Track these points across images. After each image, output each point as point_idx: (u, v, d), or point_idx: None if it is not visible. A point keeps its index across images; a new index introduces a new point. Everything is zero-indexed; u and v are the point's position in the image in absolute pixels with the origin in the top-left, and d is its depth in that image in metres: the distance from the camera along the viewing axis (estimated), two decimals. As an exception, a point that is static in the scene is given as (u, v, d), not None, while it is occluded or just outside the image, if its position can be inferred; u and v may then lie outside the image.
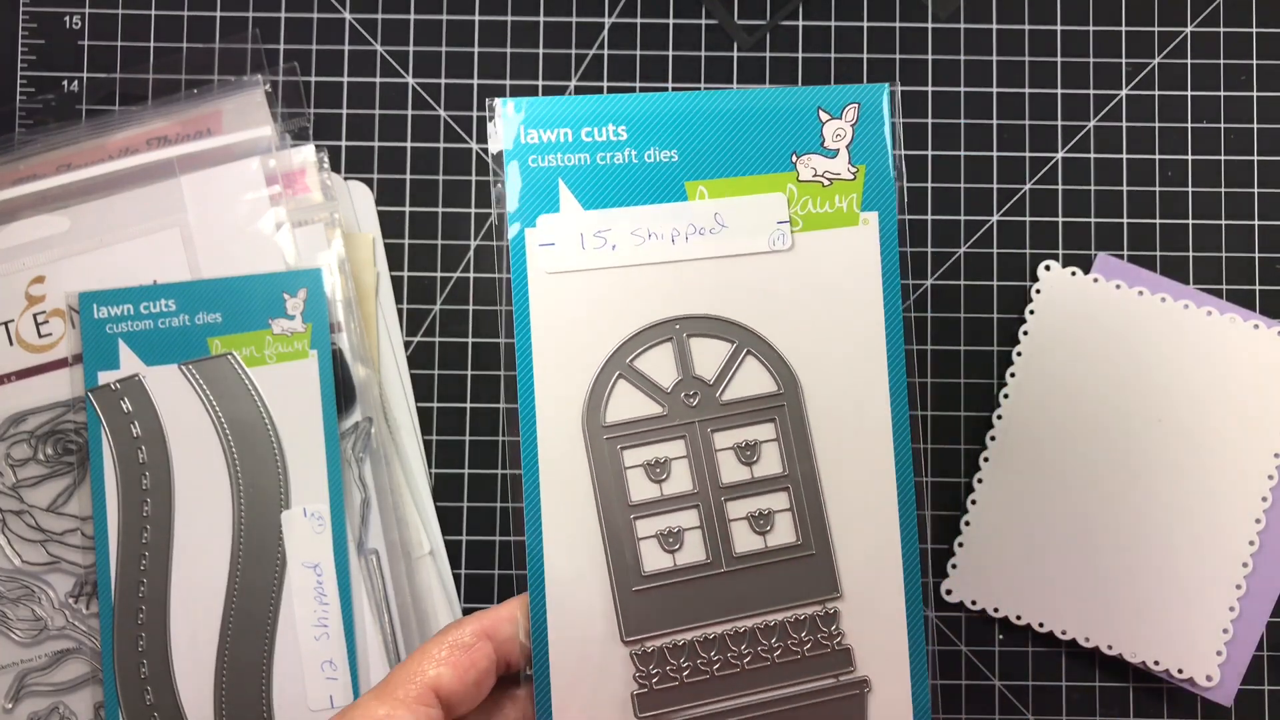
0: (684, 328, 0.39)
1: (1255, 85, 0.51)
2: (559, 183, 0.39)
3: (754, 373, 0.39)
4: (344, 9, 0.51)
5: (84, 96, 0.51)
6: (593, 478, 0.39)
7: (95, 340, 0.47)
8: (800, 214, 0.40)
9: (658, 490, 0.39)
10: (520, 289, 0.39)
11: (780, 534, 0.39)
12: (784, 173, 0.40)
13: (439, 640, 0.37)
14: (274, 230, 0.48)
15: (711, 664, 0.38)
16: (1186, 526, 0.48)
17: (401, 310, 0.50)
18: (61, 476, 0.47)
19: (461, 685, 0.36)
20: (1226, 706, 0.48)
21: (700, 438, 0.39)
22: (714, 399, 0.39)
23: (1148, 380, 0.48)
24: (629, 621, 0.38)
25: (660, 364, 0.39)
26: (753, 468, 0.39)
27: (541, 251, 0.39)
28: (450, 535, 0.49)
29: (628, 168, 0.40)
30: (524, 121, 0.40)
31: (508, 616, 0.38)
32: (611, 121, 0.40)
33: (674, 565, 0.39)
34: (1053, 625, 0.48)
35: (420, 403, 0.50)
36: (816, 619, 0.39)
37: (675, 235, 0.39)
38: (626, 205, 0.39)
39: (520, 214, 0.39)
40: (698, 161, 0.40)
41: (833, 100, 0.40)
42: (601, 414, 0.39)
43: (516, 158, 0.39)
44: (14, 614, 0.47)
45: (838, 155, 0.40)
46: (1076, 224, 0.50)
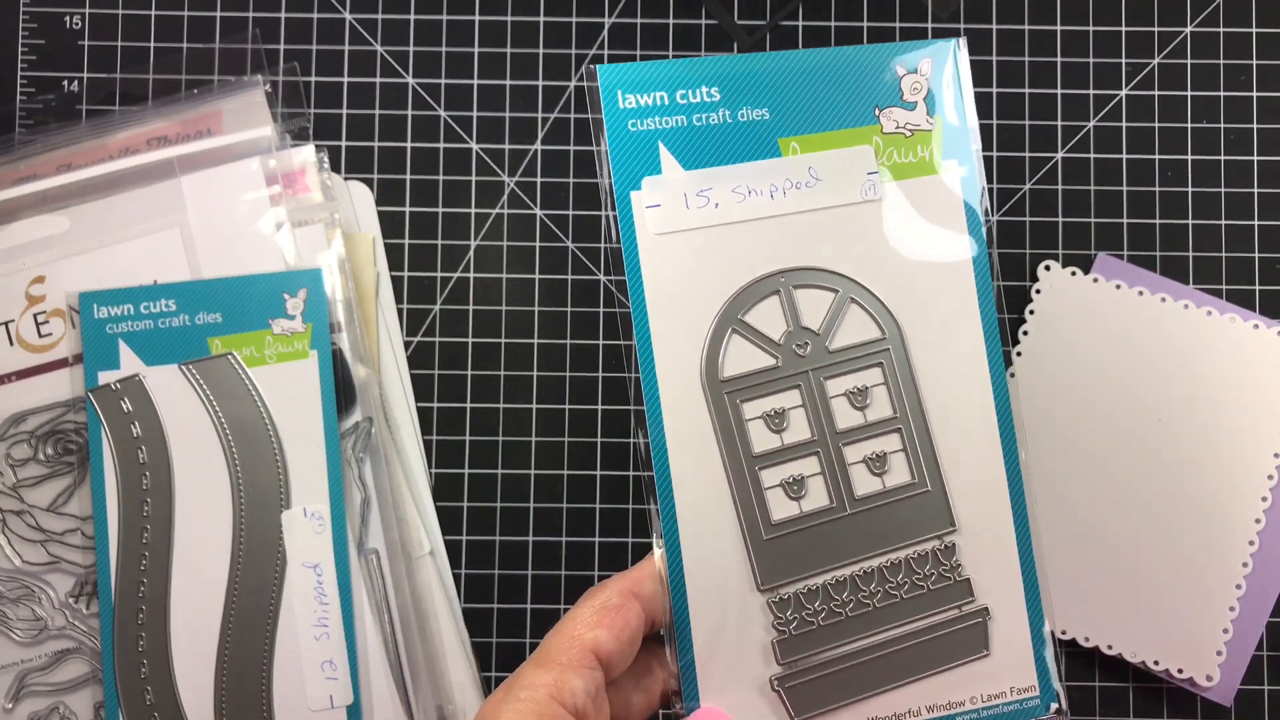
0: (789, 280, 0.40)
1: (1255, 85, 0.51)
2: (659, 145, 0.40)
3: (858, 320, 0.40)
4: (344, 9, 0.51)
5: (84, 96, 0.51)
6: (716, 432, 0.40)
7: (95, 340, 0.47)
8: (886, 165, 0.41)
9: (778, 440, 0.40)
10: (631, 251, 0.40)
11: (896, 474, 0.40)
12: (869, 125, 0.41)
13: (586, 604, 0.37)
14: (274, 230, 0.48)
15: (845, 605, 0.39)
16: (1186, 526, 0.48)
17: (401, 310, 0.50)
18: (62, 476, 0.47)
19: (618, 644, 0.36)
20: (1226, 706, 0.48)
21: (814, 386, 0.40)
22: (823, 348, 0.40)
23: (1148, 380, 0.48)
24: (763, 570, 0.39)
25: (769, 317, 0.40)
26: (865, 412, 0.40)
27: (649, 213, 0.40)
28: (450, 535, 0.49)
29: (723, 127, 0.41)
30: (622, 86, 0.40)
31: (649, 574, 0.38)
32: (704, 83, 0.41)
33: (800, 512, 0.40)
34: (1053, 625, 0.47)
35: (420, 403, 0.50)
36: (937, 553, 0.40)
37: (774, 190, 0.41)
38: (724, 164, 0.41)
39: (625, 177, 0.40)
40: (788, 118, 0.41)
41: (908, 55, 0.41)
42: (719, 369, 0.40)
43: (617, 122, 0.40)
44: (14, 614, 0.47)
45: (916, 107, 0.41)
46: (1076, 224, 0.50)
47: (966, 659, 0.40)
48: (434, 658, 0.48)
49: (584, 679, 0.35)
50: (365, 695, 0.46)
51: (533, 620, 0.49)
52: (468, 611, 0.49)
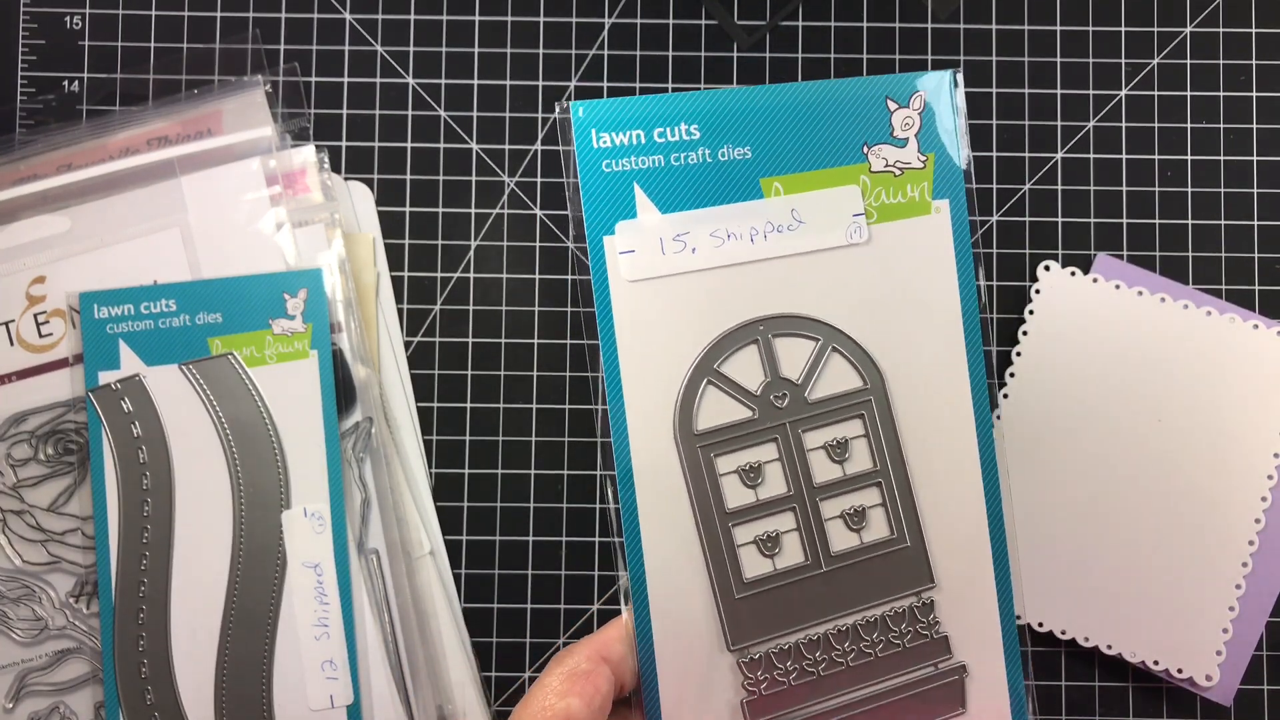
0: (768, 328, 0.39)
1: (1255, 85, 0.51)
2: (634, 187, 0.39)
3: (839, 369, 0.39)
4: (344, 9, 0.51)
5: (84, 97, 0.51)
6: (688, 487, 0.38)
7: (96, 340, 0.47)
8: (874, 205, 0.39)
9: (753, 495, 0.39)
10: (603, 298, 0.39)
11: (875, 529, 0.39)
12: (856, 164, 0.39)
13: (554, 671, 0.37)
14: (274, 230, 0.48)
15: (818, 664, 0.38)
16: (1186, 526, 0.48)
17: (401, 310, 0.50)
18: (62, 476, 0.47)
19: (589, 712, 0.36)
20: (1226, 706, 0.48)
21: (791, 439, 0.39)
22: (802, 399, 0.39)
23: (1148, 380, 0.48)
24: (734, 629, 0.38)
25: (747, 367, 0.39)
26: (844, 465, 0.39)
27: (623, 259, 0.39)
28: (450, 535, 0.49)
29: (703, 167, 0.39)
30: (595, 125, 0.39)
31: (617, 636, 0.38)
32: (684, 121, 0.39)
33: (774, 569, 0.39)
34: (1053, 625, 0.48)
35: (420, 403, 0.50)
36: (914, 610, 0.39)
37: (754, 234, 0.39)
38: (703, 206, 0.39)
39: (597, 221, 0.39)
40: (771, 157, 0.39)
41: (900, 89, 0.40)
42: (693, 422, 0.39)
43: (589, 162, 0.39)
44: (14, 614, 0.47)
45: (908, 144, 0.40)
46: (1076, 224, 0.50)
47: (942, 717, 0.39)
48: (434, 658, 0.48)
49: None
50: (365, 695, 0.46)
51: (532, 620, 0.49)
52: (468, 611, 0.49)
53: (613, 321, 0.39)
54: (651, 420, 0.38)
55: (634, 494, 0.38)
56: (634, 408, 0.38)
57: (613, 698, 0.37)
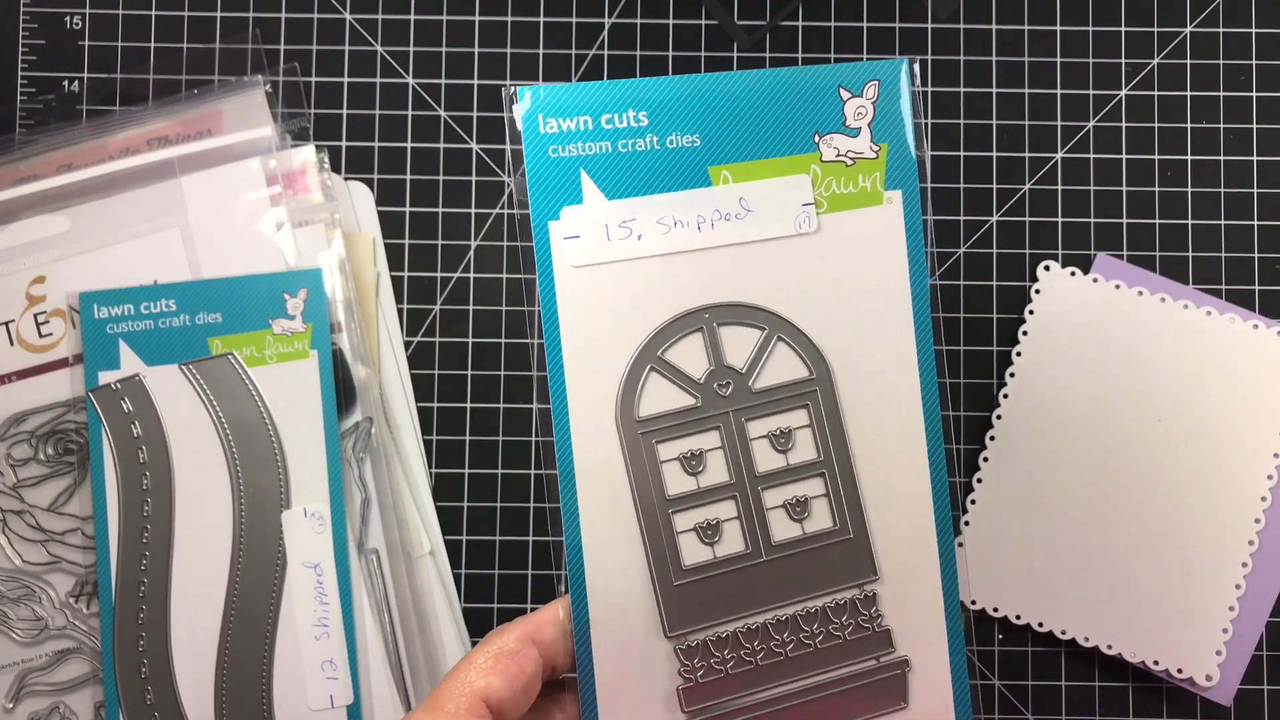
0: (713, 316, 0.39)
1: (1255, 85, 0.51)
2: (581, 173, 0.39)
3: (785, 359, 0.39)
4: (344, 9, 0.51)
5: (84, 97, 0.51)
6: (629, 473, 0.38)
7: (96, 340, 0.47)
8: (825, 195, 0.39)
9: (694, 483, 0.39)
10: (547, 284, 0.38)
11: (817, 520, 0.39)
12: (807, 154, 0.39)
13: (482, 649, 0.37)
14: (274, 230, 0.48)
15: (755, 654, 0.38)
16: (1186, 526, 0.48)
17: (401, 310, 0.50)
18: (62, 476, 0.47)
19: (510, 692, 0.36)
20: (1226, 706, 0.48)
21: (734, 427, 0.39)
22: (746, 387, 0.39)
23: (1148, 380, 0.48)
24: (671, 616, 0.38)
25: (691, 354, 0.39)
26: (787, 455, 0.39)
27: (567, 245, 0.39)
28: (450, 535, 0.49)
29: (650, 154, 0.39)
30: (542, 110, 0.39)
31: (550, 619, 0.38)
32: (632, 107, 0.39)
33: (714, 557, 0.38)
34: (1052, 625, 0.48)
35: (420, 403, 0.50)
36: (856, 602, 0.39)
37: (701, 222, 0.39)
38: (650, 193, 0.39)
39: (543, 206, 0.39)
40: (720, 146, 0.39)
41: (853, 77, 0.39)
42: (635, 408, 0.38)
43: (536, 148, 0.39)
44: (14, 614, 0.47)
45: (860, 134, 0.39)
46: (1076, 224, 0.50)
47: (883, 711, 0.38)
48: (434, 658, 0.48)
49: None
50: (365, 695, 0.46)
51: (533, 620, 0.49)
52: (468, 611, 0.49)
53: (556, 307, 0.38)
54: (593, 405, 0.38)
55: (574, 478, 0.38)
56: (576, 392, 0.38)
57: (541, 680, 0.37)
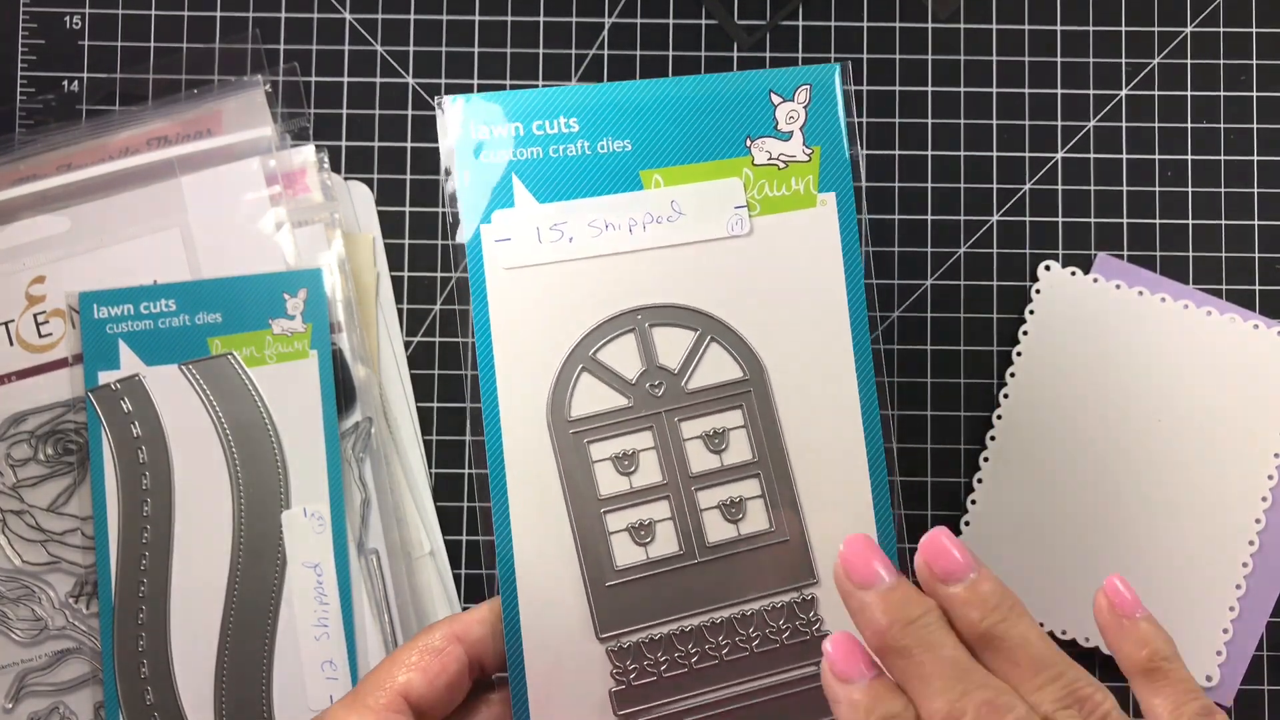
0: (646, 317, 0.39)
1: (1255, 85, 0.51)
2: (512, 177, 0.39)
3: (719, 360, 0.39)
4: (344, 9, 0.51)
5: (84, 96, 0.51)
6: (560, 473, 0.38)
7: (95, 340, 0.47)
8: (757, 198, 0.39)
9: (627, 483, 0.38)
10: (478, 286, 0.39)
11: (753, 521, 0.38)
12: (739, 157, 0.39)
13: (410, 646, 0.37)
14: (274, 230, 0.48)
15: (689, 657, 0.38)
16: (1187, 526, 0.48)
17: (401, 310, 0.50)
18: (61, 476, 0.47)
19: (432, 690, 0.36)
20: (1226, 706, 0.48)
21: (667, 428, 0.39)
22: (679, 388, 0.39)
23: (1148, 380, 0.48)
24: (603, 617, 0.38)
25: (624, 355, 0.39)
26: (722, 455, 0.39)
27: (498, 247, 0.39)
28: (450, 535, 0.49)
29: (581, 159, 0.39)
30: (474, 117, 0.39)
31: (479, 619, 0.38)
32: (563, 114, 0.39)
33: (646, 558, 0.38)
34: (1053, 625, 0.48)
35: (420, 403, 0.50)
36: (794, 606, 0.38)
37: (633, 225, 0.39)
38: (582, 197, 0.39)
39: (474, 210, 0.39)
40: (652, 150, 0.39)
41: (784, 83, 0.40)
42: (566, 408, 0.38)
43: (468, 154, 0.39)
44: (14, 614, 0.47)
45: (792, 137, 0.39)
46: (1076, 224, 0.50)
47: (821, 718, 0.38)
48: (434, 658, 0.48)
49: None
50: (365, 695, 0.46)
51: (533, 620, 0.49)
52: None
53: (487, 308, 0.39)
54: (524, 406, 0.38)
55: (504, 478, 0.38)
56: (507, 392, 0.38)
57: (470, 678, 0.37)
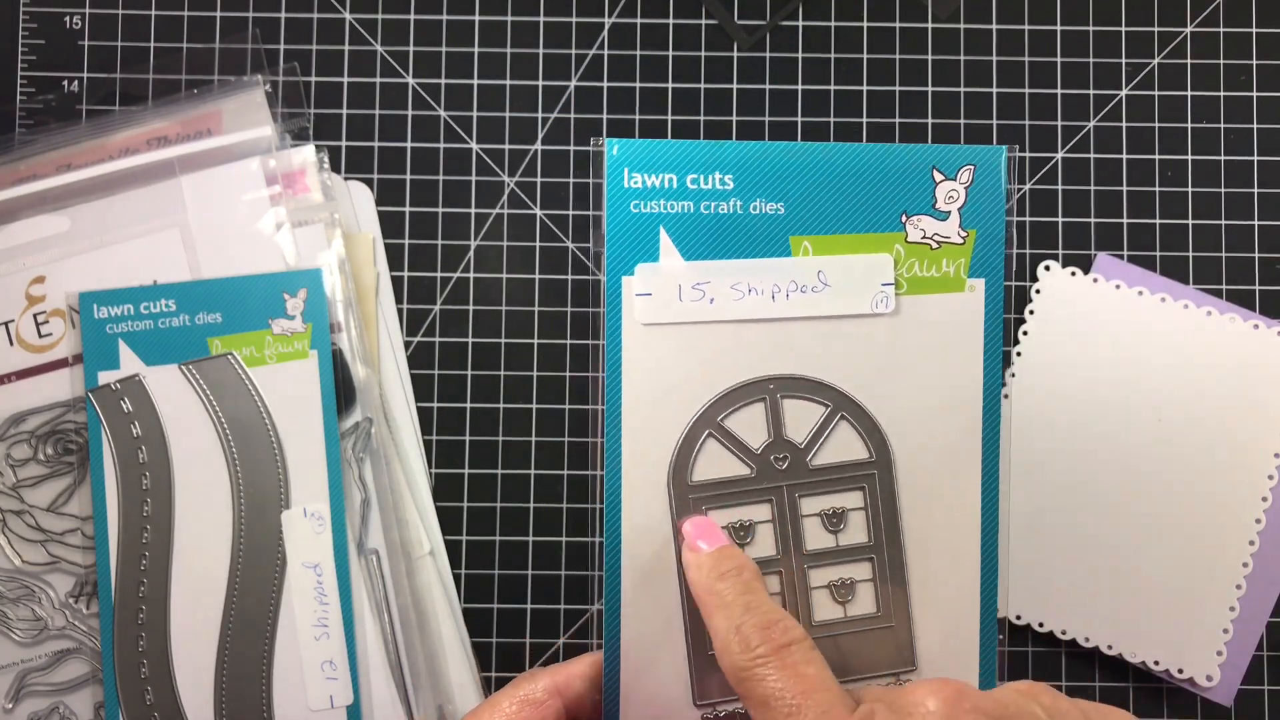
0: (778, 388, 0.38)
1: (1255, 85, 0.51)
2: (660, 230, 0.38)
3: (846, 438, 0.38)
4: (344, 9, 0.51)
5: (84, 96, 0.51)
6: (676, 537, 0.38)
7: (95, 340, 0.47)
8: (905, 276, 0.39)
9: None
10: (614, 338, 0.38)
11: (861, 604, 0.38)
12: (892, 232, 0.39)
13: (510, 693, 0.37)
14: (274, 230, 0.48)
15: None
16: (1186, 526, 0.48)
17: (401, 310, 0.50)
18: (61, 476, 0.47)
19: None
20: (1226, 706, 0.48)
21: (787, 502, 0.38)
22: (803, 463, 0.38)
23: (1148, 380, 0.48)
24: (703, 685, 0.38)
25: (751, 424, 0.38)
26: (838, 535, 0.38)
27: (638, 301, 0.38)
28: (450, 535, 0.49)
29: (733, 218, 0.38)
30: (628, 164, 0.38)
31: (580, 674, 0.38)
32: (718, 169, 0.39)
33: None
34: (1053, 625, 0.48)
35: (420, 403, 0.50)
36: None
37: (776, 292, 0.38)
38: (728, 257, 0.38)
39: (618, 261, 0.38)
40: (804, 215, 0.39)
41: (949, 160, 0.39)
42: (689, 472, 0.38)
43: (618, 201, 0.38)
44: (14, 614, 0.47)
45: (949, 217, 0.39)
46: (1076, 224, 0.50)
47: None
48: (434, 658, 0.48)
49: None
50: (365, 695, 0.46)
51: (532, 620, 0.49)
52: (468, 611, 0.49)
53: (620, 361, 0.38)
54: (647, 465, 0.38)
55: (619, 533, 0.38)
56: (631, 447, 0.38)
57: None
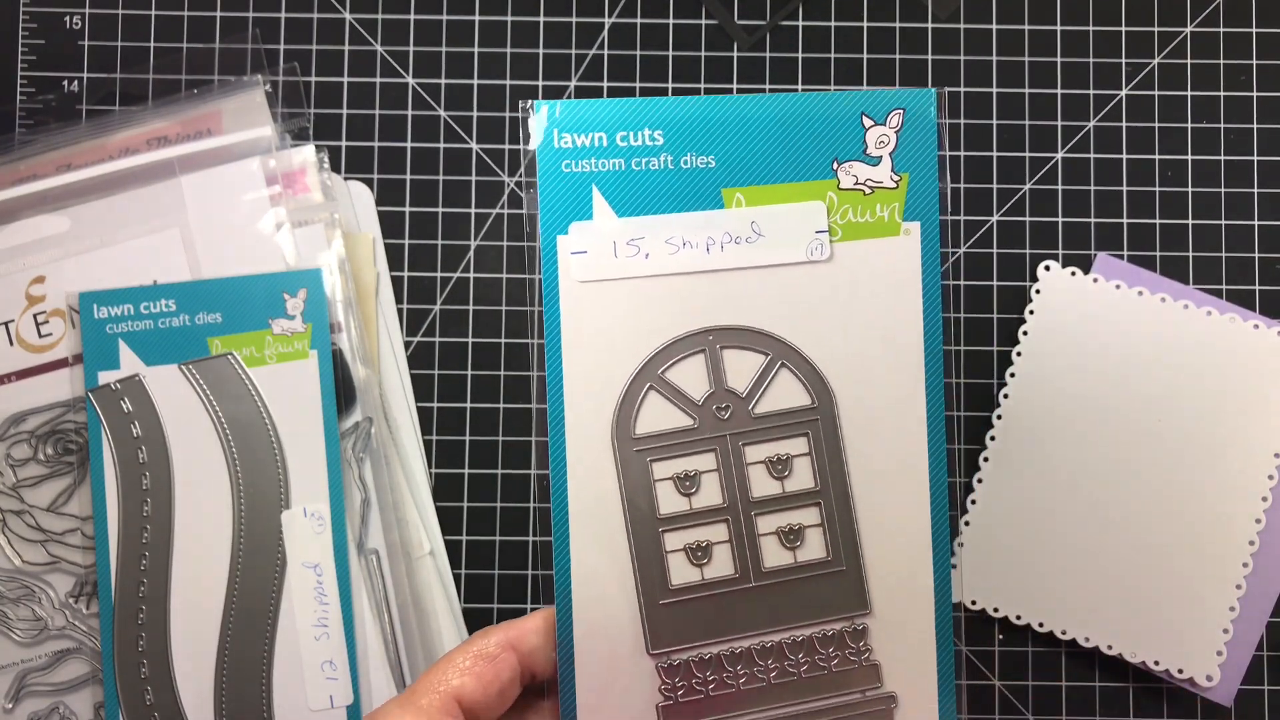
0: (717, 339, 0.39)
1: (1255, 85, 0.51)
2: (593, 189, 0.39)
3: (788, 386, 0.39)
4: (344, 9, 0.51)
5: (84, 96, 0.51)
6: (621, 490, 0.38)
7: (95, 340, 0.47)
8: (839, 223, 0.39)
9: (687, 504, 0.39)
10: (551, 297, 0.38)
11: (810, 549, 0.38)
12: (824, 180, 0.39)
13: (464, 649, 0.37)
14: (274, 230, 0.48)
15: (738, 678, 0.38)
16: (1186, 526, 0.48)
17: (401, 310, 0.50)
18: (61, 476, 0.47)
19: (484, 696, 0.36)
20: (1226, 706, 0.48)
21: (731, 451, 0.39)
22: (746, 412, 0.39)
23: (1148, 380, 0.48)
24: (655, 634, 0.38)
25: (692, 376, 0.39)
26: (784, 482, 0.39)
27: (574, 259, 0.38)
28: (450, 535, 0.49)
29: (663, 174, 0.39)
30: (558, 125, 0.39)
31: (533, 628, 0.38)
32: (648, 126, 0.39)
33: (702, 579, 0.38)
34: (1053, 625, 0.48)
35: (420, 403, 0.50)
36: (845, 634, 0.38)
37: (710, 244, 0.39)
38: (661, 213, 0.39)
39: (552, 220, 0.39)
40: (735, 168, 0.39)
41: (877, 105, 0.39)
42: (631, 426, 0.38)
43: (549, 162, 0.39)
44: (14, 614, 0.47)
45: (880, 162, 0.39)
46: (1076, 224, 0.50)
47: None
48: (434, 658, 0.48)
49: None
50: (365, 695, 0.46)
51: (533, 620, 0.49)
52: (468, 611, 0.49)
53: (559, 320, 0.38)
54: (590, 420, 0.38)
55: (565, 491, 0.38)
56: (573, 406, 0.38)
57: (520, 685, 0.38)
